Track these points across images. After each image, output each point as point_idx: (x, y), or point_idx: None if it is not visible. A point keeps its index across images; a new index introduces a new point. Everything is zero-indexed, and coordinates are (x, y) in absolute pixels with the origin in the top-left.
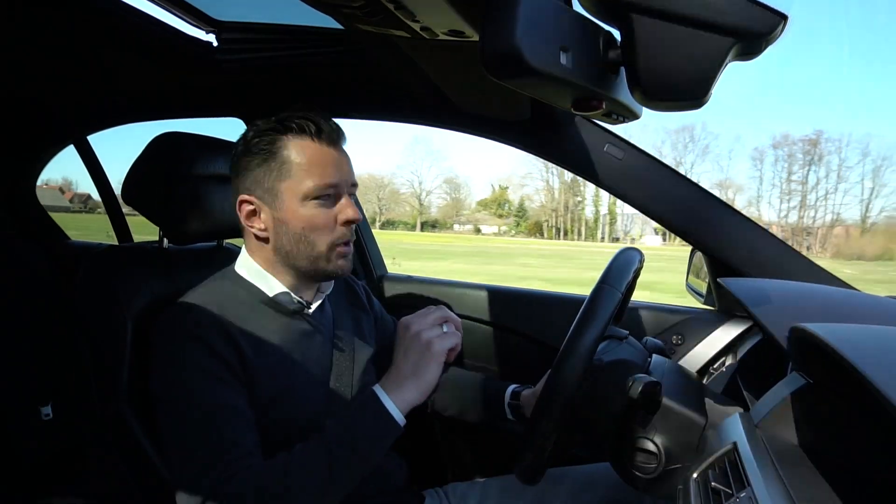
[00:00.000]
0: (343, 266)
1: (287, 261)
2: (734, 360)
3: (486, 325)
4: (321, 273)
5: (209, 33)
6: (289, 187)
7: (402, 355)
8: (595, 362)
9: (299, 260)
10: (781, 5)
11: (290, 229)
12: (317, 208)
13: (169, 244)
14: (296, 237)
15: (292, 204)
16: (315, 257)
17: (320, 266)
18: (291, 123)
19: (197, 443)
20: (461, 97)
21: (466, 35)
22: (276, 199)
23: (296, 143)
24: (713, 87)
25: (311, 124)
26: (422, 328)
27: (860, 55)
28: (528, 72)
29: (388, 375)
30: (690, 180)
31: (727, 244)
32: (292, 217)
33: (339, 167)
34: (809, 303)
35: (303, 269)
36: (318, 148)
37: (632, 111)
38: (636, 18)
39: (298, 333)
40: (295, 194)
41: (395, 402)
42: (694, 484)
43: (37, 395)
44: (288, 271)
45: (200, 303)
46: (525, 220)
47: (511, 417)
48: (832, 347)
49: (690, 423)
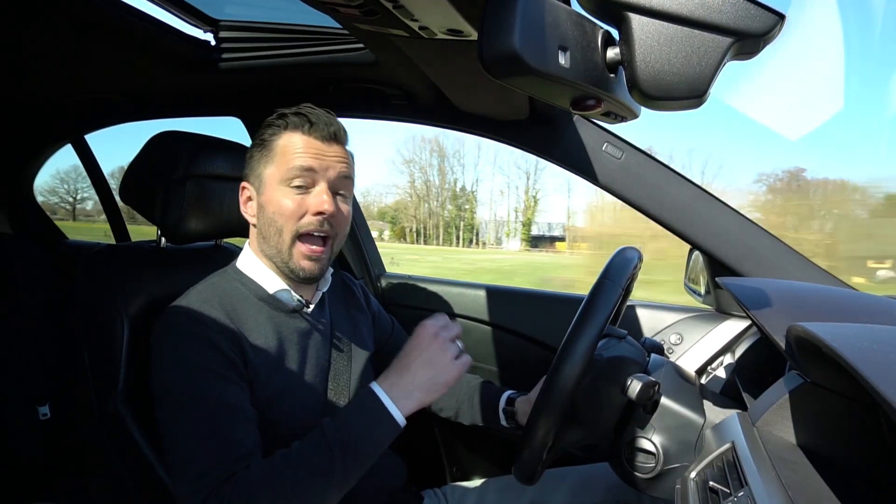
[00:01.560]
0: (307, 267)
1: (266, 250)
2: (732, 360)
3: (484, 325)
4: (286, 267)
5: (207, 32)
6: (271, 172)
7: (420, 364)
8: (595, 359)
9: (272, 252)
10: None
11: (266, 214)
12: (290, 195)
13: (166, 244)
14: (268, 221)
15: (271, 188)
16: (280, 248)
17: (284, 259)
18: (291, 118)
19: (198, 442)
20: (460, 96)
21: (465, 34)
22: (262, 185)
23: (287, 135)
24: (711, 86)
25: (307, 120)
26: (445, 345)
27: None
28: (526, 71)
29: (397, 378)
30: (689, 180)
31: (725, 244)
32: (268, 201)
33: (320, 157)
34: (807, 302)
35: (276, 264)
36: (303, 138)
37: (630, 110)
38: (634, 18)
39: (297, 332)
40: (274, 178)
41: (398, 405)
42: (692, 483)
43: (35, 395)
44: (273, 266)
45: (203, 300)
46: (396, 225)
47: (505, 424)
48: (830, 347)
49: (688, 422)
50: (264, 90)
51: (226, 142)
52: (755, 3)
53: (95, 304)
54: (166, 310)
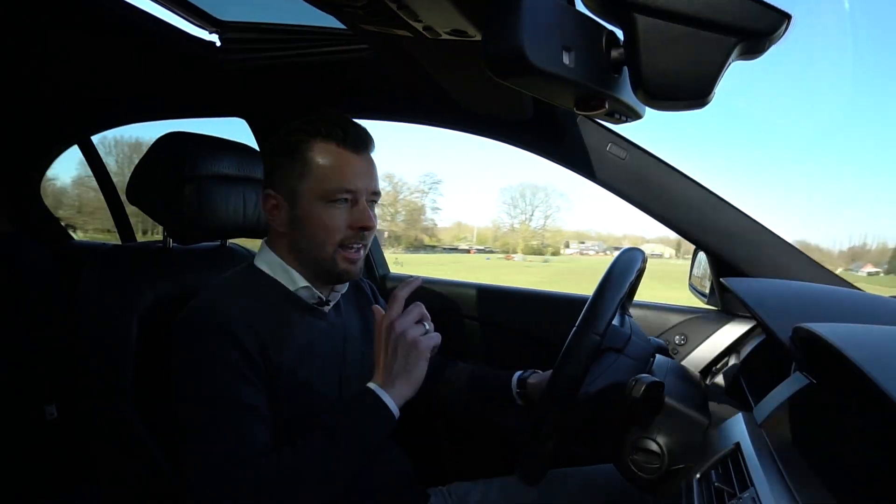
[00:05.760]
0: (349, 270)
1: (300, 258)
2: (737, 360)
3: (486, 325)
4: (327, 275)
5: (212, 33)
6: (309, 188)
7: (388, 354)
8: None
9: (309, 260)
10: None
11: (304, 228)
12: (331, 211)
13: (173, 244)
14: (308, 236)
15: (309, 204)
16: (322, 258)
17: (326, 268)
18: (320, 127)
19: (212, 437)
20: (464, 97)
21: (469, 35)
22: (296, 198)
23: (321, 147)
24: (716, 86)
25: (339, 129)
26: (406, 327)
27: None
28: (530, 71)
29: (376, 375)
30: (694, 180)
31: (730, 244)
32: (307, 217)
33: (360, 174)
34: (812, 303)
35: (312, 269)
36: (340, 153)
37: (635, 111)
38: (639, 18)
39: (316, 330)
40: (313, 195)
41: (386, 391)
42: (697, 484)
43: (41, 395)
44: (302, 268)
45: (224, 297)
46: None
47: (521, 403)
48: (836, 347)
49: (693, 423)
50: (269, 91)
51: (232, 143)
52: (760, 3)
53: (103, 304)
54: (188, 307)
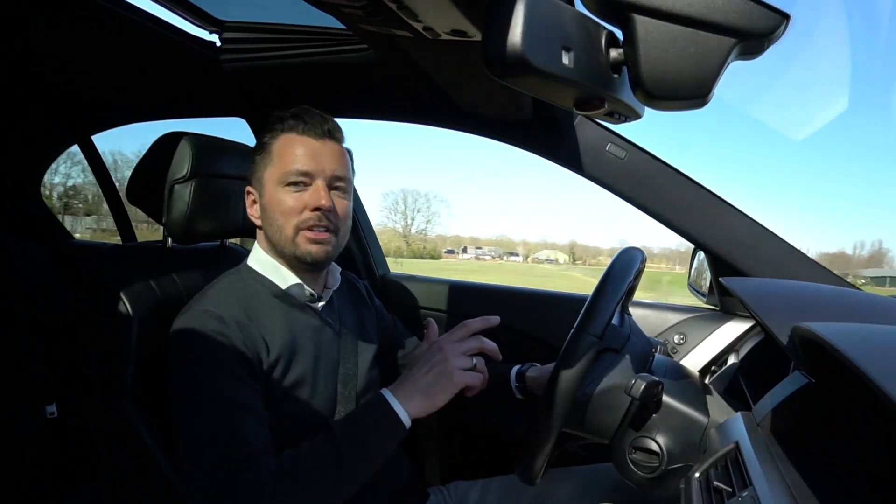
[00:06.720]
0: (313, 251)
1: (276, 248)
2: (736, 360)
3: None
4: (297, 260)
5: (212, 33)
6: (270, 174)
7: (422, 370)
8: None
9: (280, 248)
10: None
11: (268, 214)
12: (288, 194)
13: (173, 244)
14: (270, 221)
15: (270, 189)
16: (285, 242)
17: (293, 252)
18: (288, 120)
19: (210, 439)
20: (463, 97)
21: (469, 35)
22: (262, 187)
23: (283, 137)
24: (715, 86)
25: (301, 120)
26: (452, 354)
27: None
28: (530, 71)
29: (401, 381)
30: (693, 180)
31: (730, 243)
32: (269, 203)
33: (316, 157)
34: (812, 302)
35: (286, 258)
36: (299, 139)
37: (634, 111)
38: (638, 18)
39: (310, 328)
40: (272, 180)
41: (402, 405)
42: (696, 483)
43: (41, 395)
44: (283, 260)
45: (221, 298)
46: None
47: (520, 396)
48: (834, 347)
49: (692, 422)
50: (269, 91)
51: (231, 143)
52: (759, 3)
53: (103, 304)
54: (185, 307)
